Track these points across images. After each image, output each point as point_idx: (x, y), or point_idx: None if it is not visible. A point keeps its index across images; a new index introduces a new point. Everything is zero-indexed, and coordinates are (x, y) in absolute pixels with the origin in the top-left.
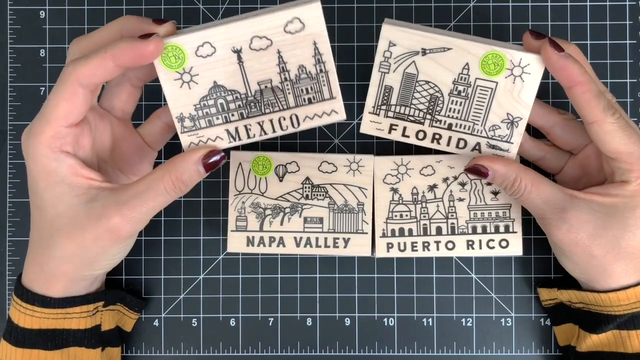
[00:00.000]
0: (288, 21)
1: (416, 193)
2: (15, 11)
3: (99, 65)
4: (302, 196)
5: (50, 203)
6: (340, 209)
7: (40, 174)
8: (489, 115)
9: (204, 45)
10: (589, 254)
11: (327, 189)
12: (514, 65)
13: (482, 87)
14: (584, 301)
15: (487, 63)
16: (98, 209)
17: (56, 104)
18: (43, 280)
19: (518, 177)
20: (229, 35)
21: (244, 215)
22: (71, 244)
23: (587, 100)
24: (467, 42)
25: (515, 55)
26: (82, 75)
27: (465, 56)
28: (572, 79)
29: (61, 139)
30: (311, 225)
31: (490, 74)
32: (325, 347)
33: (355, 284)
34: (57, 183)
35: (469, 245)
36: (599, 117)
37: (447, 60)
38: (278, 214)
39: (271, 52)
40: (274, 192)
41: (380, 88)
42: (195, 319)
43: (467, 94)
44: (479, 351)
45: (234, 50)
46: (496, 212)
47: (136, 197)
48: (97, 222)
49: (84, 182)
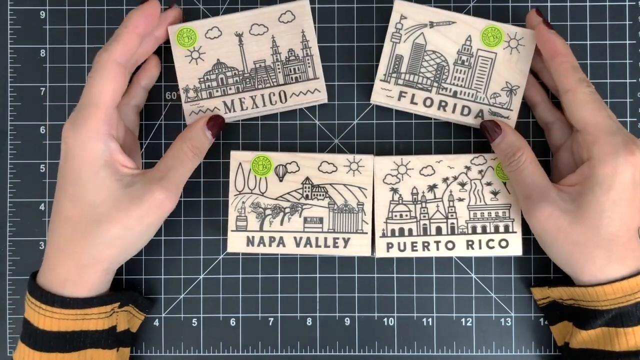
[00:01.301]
0: (282, 13)
1: (416, 193)
2: (16, 11)
3: (127, 40)
4: (302, 196)
5: (93, 190)
6: (340, 209)
7: (86, 160)
8: (490, 83)
9: (212, 29)
10: (570, 241)
11: (327, 189)
12: (510, 38)
13: (483, 57)
14: (573, 297)
15: (487, 35)
16: (138, 191)
17: (102, 87)
18: (76, 276)
19: (522, 149)
20: (233, 22)
21: (244, 215)
22: (115, 227)
23: (565, 69)
24: (468, 16)
25: (511, 29)
26: (118, 54)
27: (468, 29)
28: (554, 50)
29: (109, 121)
30: (311, 225)
31: (490, 45)
32: (325, 347)
33: (355, 283)
34: (101, 167)
35: (469, 245)
36: (573, 86)
37: (452, 32)
38: (278, 214)
39: (267, 37)
40: (274, 192)
41: (391, 57)
42: (196, 319)
43: (470, 63)
44: (478, 351)
45: (237, 34)
46: (496, 212)
47: (170, 171)
48: (141, 201)
49: (121, 167)
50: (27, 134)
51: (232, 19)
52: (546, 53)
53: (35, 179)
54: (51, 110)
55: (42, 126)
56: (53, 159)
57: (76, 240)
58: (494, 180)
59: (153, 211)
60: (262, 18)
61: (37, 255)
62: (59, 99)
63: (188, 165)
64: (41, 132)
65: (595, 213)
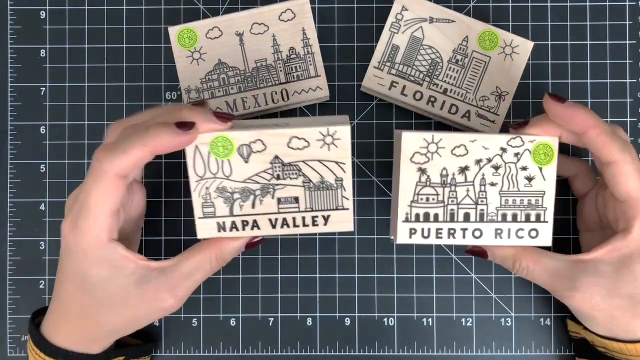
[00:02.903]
0: (282, 12)
1: (446, 175)
2: (16, 11)
3: (138, 158)
4: (273, 176)
5: (100, 286)
6: (316, 186)
7: (91, 264)
8: (480, 86)
9: (213, 29)
10: (609, 316)
11: (299, 166)
12: (506, 44)
13: (477, 59)
14: (605, 347)
15: (483, 39)
16: (150, 290)
17: (100, 200)
18: (83, 342)
19: (516, 258)
20: (234, 22)
21: (210, 202)
22: (123, 320)
23: (602, 141)
24: (468, 18)
25: (508, 36)
26: (122, 170)
27: (466, 30)
28: (584, 124)
29: (111, 229)
30: (286, 205)
31: (486, 49)
32: (325, 347)
33: (355, 283)
34: (108, 268)
35: (497, 234)
36: (617, 157)
37: (450, 30)
38: (248, 197)
39: (267, 36)
40: (240, 174)
41: (387, 46)
42: (195, 319)
43: (463, 63)
44: (478, 351)
45: (237, 34)
46: (529, 199)
47: (186, 279)
48: (150, 303)
49: (132, 264)
50: (27, 134)
51: (232, 19)
52: (575, 129)
53: (36, 179)
54: (51, 110)
55: (42, 126)
56: (53, 159)
57: (86, 322)
58: (530, 164)
59: (160, 313)
60: (262, 17)
61: (37, 255)
62: (59, 99)
63: (205, 276)
64: (41, 132)
65: (630, 284)
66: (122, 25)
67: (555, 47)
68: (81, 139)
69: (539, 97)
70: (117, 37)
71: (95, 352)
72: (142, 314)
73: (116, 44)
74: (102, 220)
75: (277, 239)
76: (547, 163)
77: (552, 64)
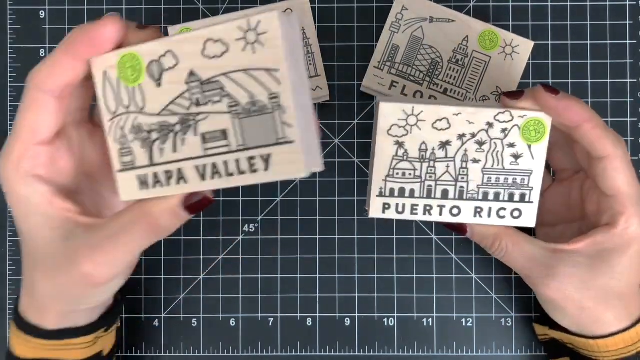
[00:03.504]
0: (282, 11)
1: (425, 149)
2: (15, 11)
3: (55, 63)
4: (192, 102)
5: (27, 234)
6: (246, 110)
7: (13, 201)
8: (480, 85)
9: None
10: (580, 307)
11: (221, 82)
12: (506, 44)
13: (478, 59)
14: (573, 343)
15: (484, 38)
16: (71, 250)
17: (22, 119)
18: (34, 310)
19: (497, 237)
20: None
21: (127, 147)
22: (49, 283)
23: (597, 135)
24: (469, 17)
25: (509, 35)
26: (40, 79)
27: (466, 29)
28: (579, 117)
29: (32, 159)
30: (213, 144)
31: (486, 48)
32: (325, 347)
33: (355, 284)
34: (32, 214)
35: (477, 213)
36: (610, 152)
37: (450, 30)
38: (167, 135)
39: None
40: (154, 104)
41: (388, 46)
42: (195, 319)
43: (464, 63)
44: (479, 351)
45: None
46: (514, 178)
47: (109, 241)
48: (69, 266)
49: (60, 213)
50: None
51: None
52: (569, 123)
53: None
54: None
55: None
56: None
57: (27, 280)
58: (519, 142)
59: (82, 281)
60: None
61: None
62: None
63: (137, 244)
64: None
65: (606, 276)
66: None
67: (555, 47)
68: None
69: None
70: None
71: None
72: (65, 280)
73: None
74: (22, 144)
75: (277, 239)
76: (538, 140)
77: (553, 63)
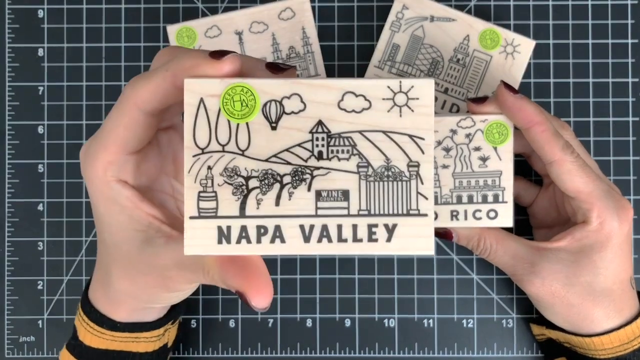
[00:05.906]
0: (282, 10)
1: None
2: (14, 10)
3: (158, 88)
4: (312, 154)
5: (109, 230)
6: (377, 173)
7: (98, 198)
8: (481, 85)
9: (212, 28)
10: (567, 304)
11: (354, 140)
12: (507, 43)
13: (479, 58)
14: (569, 342)
15: (484, 37)
16: (152, 257)
17: (114, 129)
18: (107, 303)
19: (482, 237)
20: (233, 21)
21: (211, 191)
22: (125, 280)
23: (546, 139)
24: (469, 16)
25: (510, 35)
26: (141, 100)
27: (467, 29)
28: (530, 119)
29: (119, 166)
30: (329, 204)
31: (487, 48)
32: (325, 348)
33: (356, 285)
34: (117, 212)
35: (453, 216)
36: (559, 156)
37: (451, 29)
38: (271, 186)
39: (267, 35)
40: (263, 148)
41: (388, 45)
42: (195, 320)
43: (464, 62)
44: (480, 352)
45: (236, 33)
46: (484, 179)
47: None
48: (150, 271)
49: (145, 217)
50: (25, 133)
51: (231, 18)
52: (520, 123)
53: (34, 179)
54: (49, 110)
55: (40, 126)
56: (51, 158)
57: (102, 273)
58: (483, 145)
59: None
60: (262, 16)
61: (35, 256)
62: (57, 99)
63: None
64: (39, 132)
65: (590, 273)
66: (120, 25)
67: (556, 46)
68: (79, 139)
69: (540, 97)
70: (115, 36)
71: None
72: (142, 280)
73: (115, 43)
74: (112, 152)
75: None
76: (502, 142)
77: (554, 63)
